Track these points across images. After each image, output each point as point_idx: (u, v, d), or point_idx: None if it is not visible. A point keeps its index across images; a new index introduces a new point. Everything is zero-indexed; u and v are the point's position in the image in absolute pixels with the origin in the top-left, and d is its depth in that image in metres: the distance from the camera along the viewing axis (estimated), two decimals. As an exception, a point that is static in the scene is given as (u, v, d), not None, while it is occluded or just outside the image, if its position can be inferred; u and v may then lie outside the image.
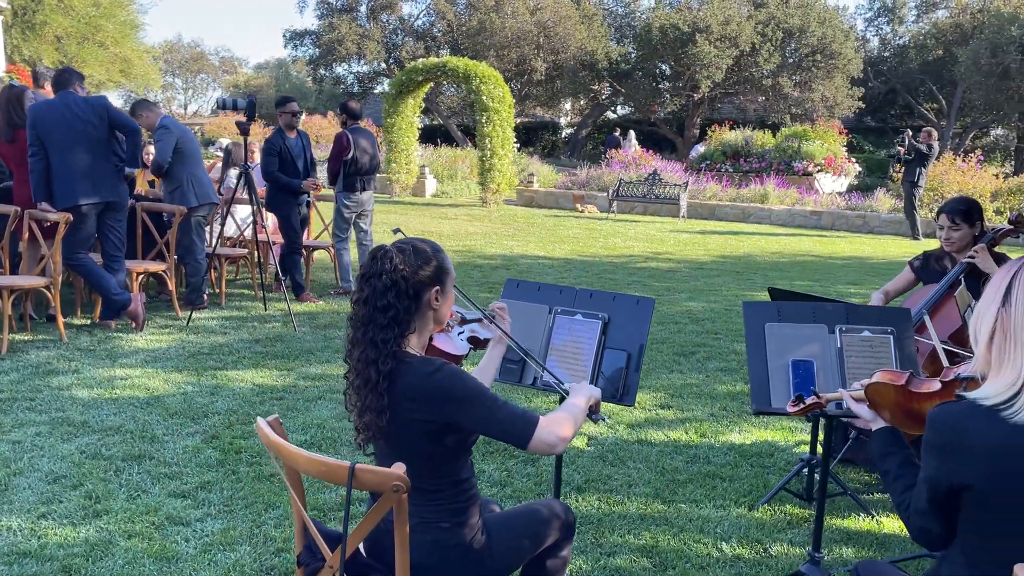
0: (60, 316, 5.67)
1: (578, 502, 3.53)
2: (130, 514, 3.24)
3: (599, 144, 33.88)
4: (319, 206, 8.28)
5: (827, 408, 2.28)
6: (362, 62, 35.11)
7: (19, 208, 5.65)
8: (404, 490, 1.73)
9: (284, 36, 35.82)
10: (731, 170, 20.31)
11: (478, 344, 2.34)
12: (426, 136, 23.12)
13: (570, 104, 37.68)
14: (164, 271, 6.52)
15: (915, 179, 13.82)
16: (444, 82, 23.56)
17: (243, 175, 6.39)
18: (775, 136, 21.11)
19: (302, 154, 7.25)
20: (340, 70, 36.03)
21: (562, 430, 1.95)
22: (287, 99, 7.38)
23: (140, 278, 6.40)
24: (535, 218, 15.72)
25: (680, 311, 7.42)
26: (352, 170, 7.38)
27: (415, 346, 2.00)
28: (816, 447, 3.73)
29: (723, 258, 11.23)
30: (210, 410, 4.45)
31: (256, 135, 19.22)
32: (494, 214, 16.05)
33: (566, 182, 20.03)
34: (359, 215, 7.63)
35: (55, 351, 5.42)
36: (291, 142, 7.16)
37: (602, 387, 2.55)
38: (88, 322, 6.20)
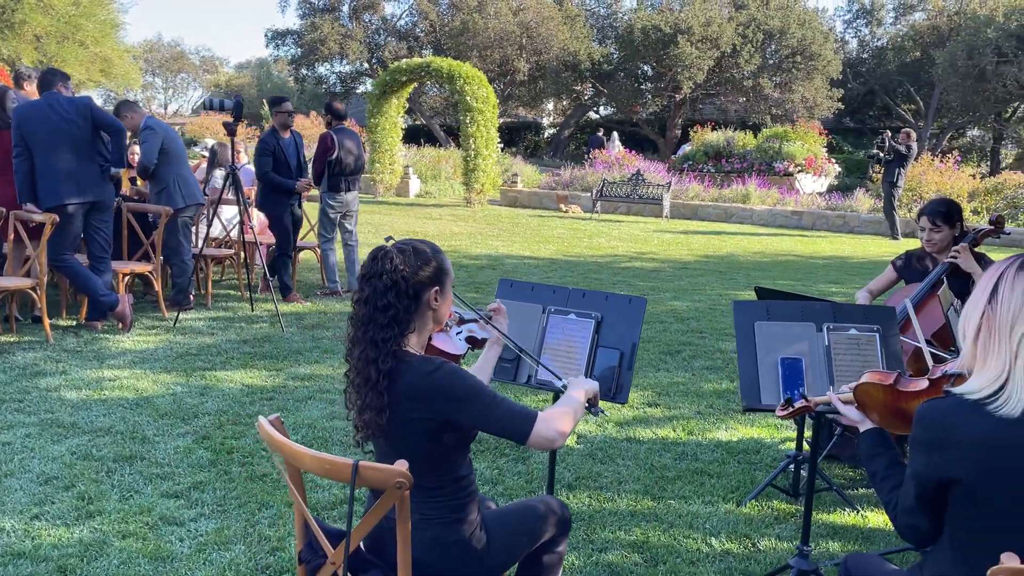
0: (46, 317, 5.65)
1: (569, 499, 3.57)
2: (123, 514, 3.25)
3: (581, 144, 33.99)
4: (305, 207, 8.28)
5: (816, 409, 2.33)
6: (344, 62, 35.01)
7: (4, 209, 5.62)
8: (407, 486, 1.76)
9: (266, 36, 35.75)
10: (713, 170, 20.46)
11: (476, 344, 2.38)
12: (409, 136, 23.10)
13: (553, 104, 37.77)
14: (151, 272, 6.50)
15: (894, 179, 13.99)
16: (428, 82, 23.56)
17: (230, 176, 6.38)
18: (756, 137, 21.29)
19: (295, 154, 7.26)
20: (322, 70, 35.93)
21: (561, 424, 1.98)
22: (282, 99, 7.38)
23: (126, 279, 6.38)
24: (519, 218, 15.77)
25: (665, 310, 7.49)
26: (337, 170, 7.39)
27: (415, 345, 2.04)
28: (802, 444, 3.80)
29: (706, 258, 11.32)
30: (200, 411, 4.46)
31: (239, 135, 19.08)
32: (478, 214, 16.08)
33: (550, 182, 20.10)
34: (344, 215, 7.64)
35: (42, 352, 5.39)
36: (285, 142, 7.16)
37: (597, 383, 2.60)
38: (74, 323, 6.17)
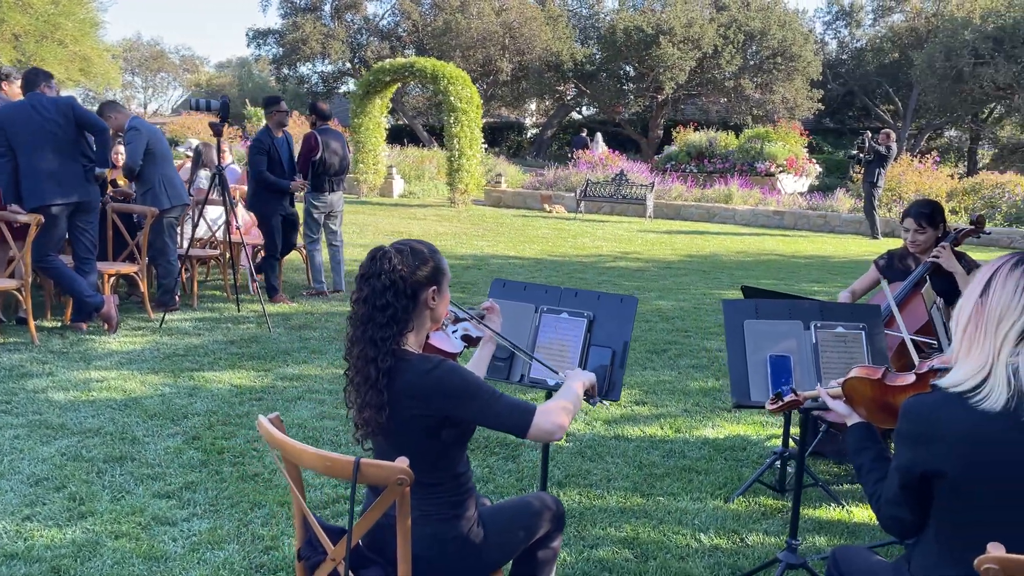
0: (31, 319, 5.62)
1: (560, 497, 3.60)
2: (115, 515, 3.25)
3: (564, 144, 34.07)
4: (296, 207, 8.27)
5: (804, 404, 2.38)
6: (326, 62, 34.89)
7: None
8: (408, 483, 1.79)
9: (247, 35, 35.49)
10: (696, 171, 20.59)
11: (471, 342, 2.41)
12: (392, 136, 23.05)
13: (535, 105, 37.82)
14: (136, 273, 6.47)
15: (874, 180, 14.16)
16: (411, 82, 23.54)
17: (216, 176, 6.36)
18: (738, 137, 21.45)
19: (288, 154, 7.25)
20: (304, 69, 35.77)
21: (559, 417, 2.02)
22: (277, 99, 7.37)
23: (111, 280, 6.35)
24: (504, 218, 15.81)
25: (650, 310, 7.55)
26: (321, 171, 7.39)
27: (413, 344, 2.06)
28: (788, 441, 3.86)
29: (690, 257, 11.41)
30: (189, 411, 4.45)
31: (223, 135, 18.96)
32: (463, 214, 16.10)
33: (534, 182, 20.15)
34: (328, 216, 7.65)
35: (27, 354, 5.36)
36: (278, 141, 7.16)
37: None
38: (59, 324, 6.13)
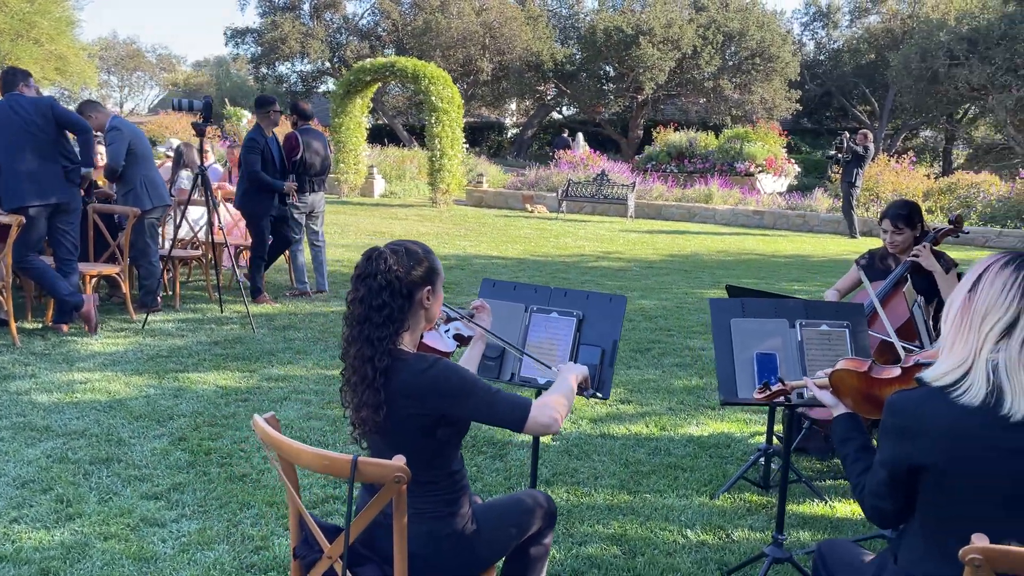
0: (12, 320, 5.57)
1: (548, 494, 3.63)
2: (104, 516, 3.24)
3: (545, 144, 34.16)
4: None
5: (791, 395, 2.43)
6: (305, 61, 34.75)
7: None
8: (405, 481, 1.81)
9: (225, 34, 35.26)
10: (676, 171, 20.72)
11: (463, 341, 2.44)
12: (372, 136, 23.02)
13: (516, 104, 37.89)
14: (118, 274, 6.43)
15: (852, 180, 14.33)
16: (392, 82, 23.48)
17: (199, 177, 6.33)
18: (718, 137, 21.61)
19: (279, 154, 7.24)
20: (283, 69, 35.63)
21: (555, 410, 2.05)
22: (272, 99, 7.34)
23: (93, 281, 6.30)
24: (486, 218, 15.83)
25: (633, 309, 7.60)
26: (302, 171, 7.37)
27: (408, 344, 2.09)
28: (772, 438, 3.91)
29: (671, 257, 11.49)
30: (175, 412, 4.44)
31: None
32: (445, 214, 16.10)
33: (515, 182, 20.18)
34: (310, 216, 7.64)
35: (9, 356, 5.32)
36: (270, 141, 7.14)
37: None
38: (40, 326, 6.08)
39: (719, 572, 3.04)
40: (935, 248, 3.79)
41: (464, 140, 17.92)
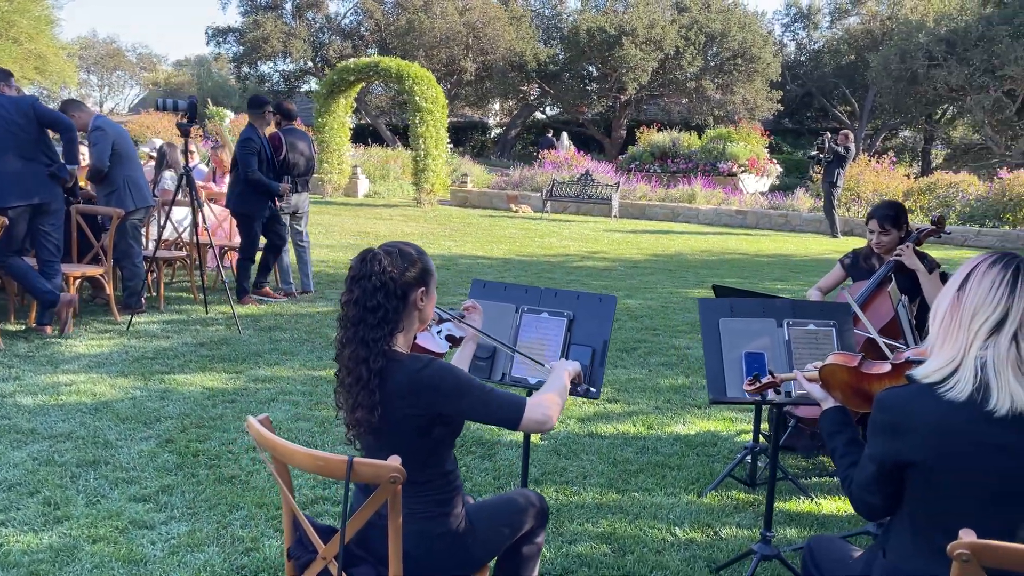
0: (-6, 322, 5.52)
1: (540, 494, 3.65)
2: (92, 519, 3.22)
3: (528, 144, 34.19)
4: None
5: (780, 387, 2.46)
6: (288, 60, 34.57)
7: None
8: (401, 481, 1.82)
9: (206, 33, 34.99)
10: (659, 171, 20.81)
11: (454, 342, 2.46)
12: (355, 136, 22.92)
13: (499, 104, 37.89)
14: (102, 275, 6.38)
15: (834, 179, 14.45)
16: (376, 82, 23.43)
17: (184, 177, 6.30)
18: (701, 137, 21.72)
19: (271, 154, 7.21)
20: (265, 68, 35.40)
21: (549, 407, 2.08)
22: (265, 99, 7.30)
23: (77, 282, 6.25)
24: (470, 218, 15.83)
25: (619, 308, 7.63)
26: (286, 171, 7.35)
27: (402, 345, 2.09)
28: (758, 436, 3.95)
29: (655, 257, 11.54)
30: (162, 414, 4.42)
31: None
32: (429, 214, 16.09)
33: (500, 182, 20.20)
34: (294, 216, 7.61)
35: (-9, 358, 5.27)
36: (264, 141, 7.10)
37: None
38: (23, 328, 6.03)
39: (708, 569, 3.07)
40: (918, 249, 3.84)
41: (448, 140, 17.92)
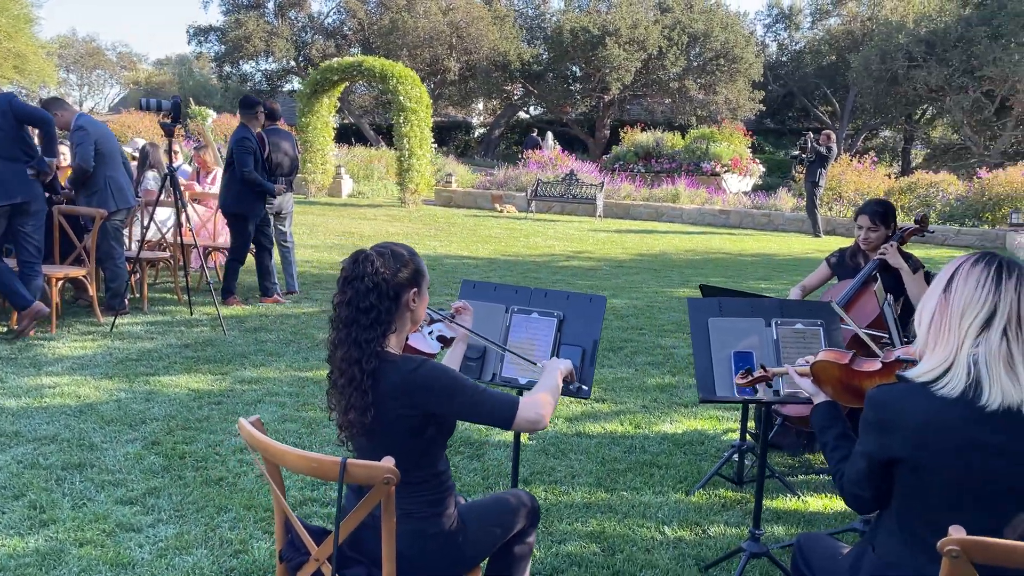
0: (-24, 324, 5.46)
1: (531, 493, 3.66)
2: (78, 522, 3.19)
3: (512, 144, 34.21)
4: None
5: (772, 382, 2.48)
6: (270, 60, 34.39)
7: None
8: (394, 482, 1.82)
9: (188, 32, 34.76)
10: (643, 170, 20.89)
11: (445, 342, 2.46)
12: (338, 136, 22.85)
13: (483, 104, 37.86)
14: (84, 276, 6.33)
15: (816, 179, 14.57)
16: (359, 81, 23.35)
17: (167, 177, 6.25)
18: (684, 137, 21.82)
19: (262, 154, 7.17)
20: (247, 67, 35.19)
21: (542, 406, 2.09)
22: (256, 100, 7.25)
23: (59, 283, 6.19)
24: (455, 218, 15.81)
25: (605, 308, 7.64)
26: (269, 171, 7.31)
27: (394, 346, 2.09)
28: (745, 434, 3.98)
29: (640, 256, 11.58)
30: (147, 416, 4.39)
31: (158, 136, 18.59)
32: (414, 214, 16.06)
33: (484, 182, 20.19)
34: (278, 216, 7.58)
35: (-27, 360, 5.21)
36: (257, 142, 7.07)
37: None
38: (5, 330, 5.96)
39: (697, 568, 3.08)
40: (903, 248, 3.88)
41: (432, 140, 17.89)
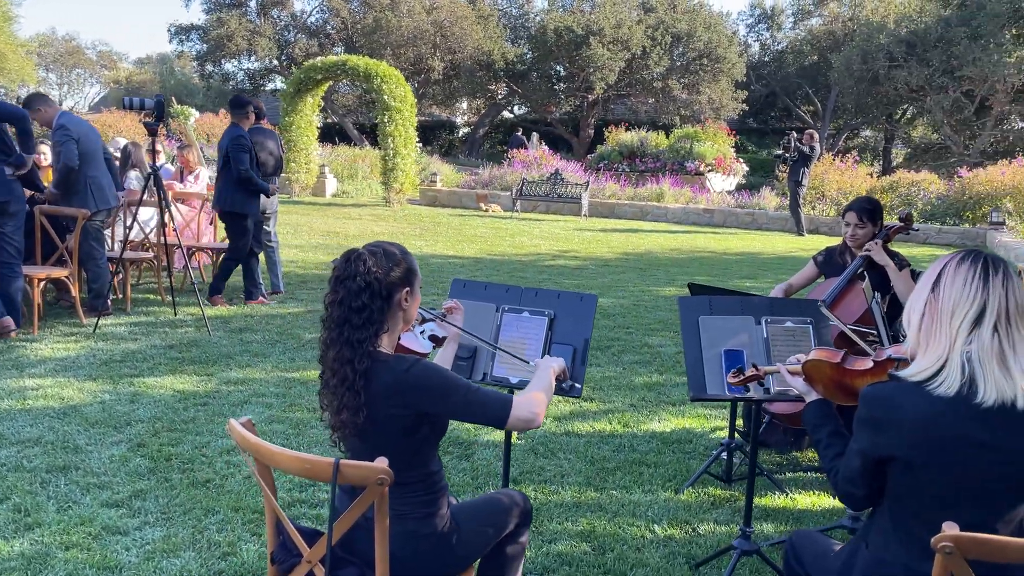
0: (-44, 326, 5.39)
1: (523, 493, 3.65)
2: (64, 526, 3.16)
3: (496, 143, 34.19)
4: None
5: (764, 379, 2.49)
6: (253, 59, 34.18)
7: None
8: (388, 483, 1.80)
9: (169, 31, 34.46)
10: (628, 170, 20.93)
11: (437, 342, 2.45)
12: (322, 135, 22.75)
13: (467, 103, 37.83)
14: (67, 277, 6.26)
15: (799, 178, 14.66)
16: (343, 81, 23.25)
17: (151, 177, 6.19)
18: (668, 137, 21.89)
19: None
20: (229, 67, 35.00)
21: (536, 405, 2.08)
22: (247, 100, 7.19)
23: (41, 284, 6.12)
24: (440, 217, 15.78)
25: (591, 307, 7.65)
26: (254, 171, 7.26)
27: (387, 345, 2.08)
28: (734, 432, 3.99)
29: (626, 255, 11.60)
30: (132, 418, 4.34)
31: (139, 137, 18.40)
32: (399, 214, 16.01)
33: (469, 181, 20.16)
34: (263, 216, 7.52)
35: (-47, 362, 5.14)
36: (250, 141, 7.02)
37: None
38: (-15, 331, 5.89)
39: (687, 566, 3.09)
40: (889, 247, 3.90)
41: (417, 139, 17.85)
